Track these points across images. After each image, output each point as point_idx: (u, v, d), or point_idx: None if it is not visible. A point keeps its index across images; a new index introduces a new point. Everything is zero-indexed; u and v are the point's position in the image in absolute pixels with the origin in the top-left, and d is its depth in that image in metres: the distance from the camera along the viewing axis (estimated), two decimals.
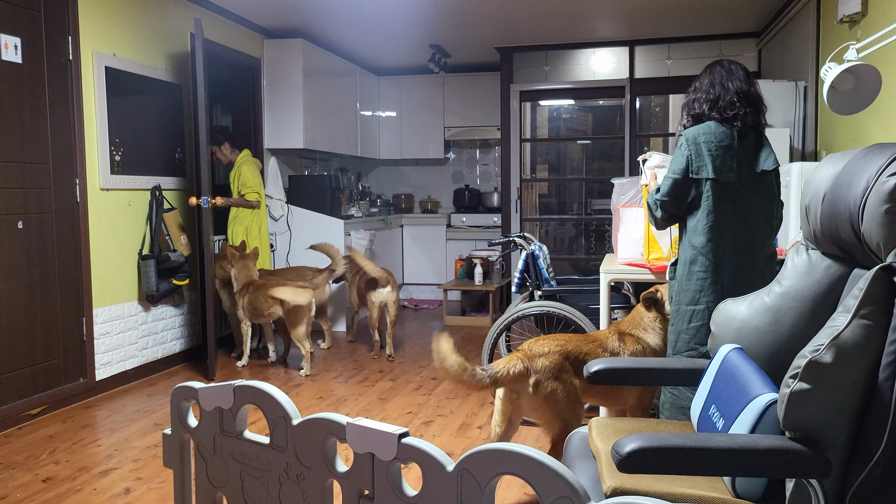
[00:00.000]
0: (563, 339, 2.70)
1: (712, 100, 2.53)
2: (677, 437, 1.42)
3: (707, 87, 2.56)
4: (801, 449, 1.35)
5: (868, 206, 1.39)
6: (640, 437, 1.41)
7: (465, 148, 8.44)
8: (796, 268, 1.70)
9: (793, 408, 1.35)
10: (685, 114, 2.64)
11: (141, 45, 4.66)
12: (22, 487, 2.93)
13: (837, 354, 1.32)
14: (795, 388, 1.35)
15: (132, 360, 4.58)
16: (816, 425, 1.35)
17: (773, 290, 1.73)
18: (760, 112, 2.54)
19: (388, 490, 1.45)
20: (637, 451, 1.38)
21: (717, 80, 2.56)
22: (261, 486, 1.70)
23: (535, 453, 1.25)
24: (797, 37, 5.14)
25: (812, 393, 1.33)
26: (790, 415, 1.36)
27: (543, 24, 6.12)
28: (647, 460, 1.38)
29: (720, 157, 2.45)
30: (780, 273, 1.75)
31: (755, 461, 1.37)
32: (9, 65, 3.67)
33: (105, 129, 4.31)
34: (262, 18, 5.86)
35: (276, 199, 6.23)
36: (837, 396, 1.33)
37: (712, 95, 2.54)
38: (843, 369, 1.33)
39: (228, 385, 1.74)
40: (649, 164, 3.19)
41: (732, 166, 2.45)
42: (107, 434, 3.61)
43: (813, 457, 1.34)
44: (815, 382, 1.33)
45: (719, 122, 2.50)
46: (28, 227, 3.81)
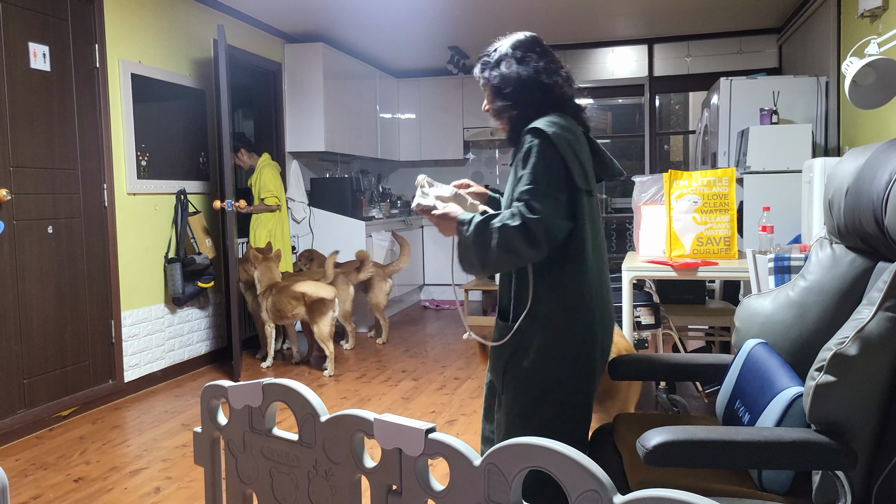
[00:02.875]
0: None
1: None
2: (704, 431, 1.42)
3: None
4: (828, 441, 1.35)
5: (891, 198, 1.39)
6: (666, 431, 1.41)
7: (484, 148, 8.45)
8: (820, 262, 1.70)
9: (818, 400, 1.36)
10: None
11: (165, 51, 4.73)
12: (54, 487, 2.99)
13: (862, 347, 1.33)
14: (821, 380, 1.35)
15: (159, 361, 4.65)
16: (842, 417, 1.35)
17: (797, 285, 1.73)
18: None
19: (415, 485, 1.47)
20: (663, 445, 1.39)
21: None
22: (290, 483, 1.73)
23: (562, 447, 1.26)
24: (818, 32, 5.10)
25: (838, 385, 1.34)
26: (816, 407, 1.37)
27: (561, 24, 6.13)
28: (674, 454, 1.39)
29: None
30: (804, 268, 1.75)
31: (782, 454, 1.37)
32: (38, 73, 3.75)
33: (131, 134, 4.38)
34: (283, 23, 5.92)
35: (299, 202, 6.29)
36: (863, 388, 1.34)
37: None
38: (868, 361, 1.33)
39: (257, 383, 1.77)
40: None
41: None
42: (136, 434, 3.67)
43: (839, 449, 1.34)
44: (840, 375, 1.34)
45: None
46: (57, 231, 3.89)
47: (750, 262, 2.95)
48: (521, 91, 1.94)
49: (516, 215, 1.80)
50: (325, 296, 4.75)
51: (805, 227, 3.88)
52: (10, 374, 3.59)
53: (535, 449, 1.31)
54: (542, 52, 1.98)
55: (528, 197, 1.80)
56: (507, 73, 1.96)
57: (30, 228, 3.71)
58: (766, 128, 4.66)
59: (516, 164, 1.90)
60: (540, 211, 1.77)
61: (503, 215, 1.83)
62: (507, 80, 1.95)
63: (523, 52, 1.97)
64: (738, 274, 3.25)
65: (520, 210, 1.80)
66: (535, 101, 1.94)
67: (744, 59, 6.44)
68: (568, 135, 1.86)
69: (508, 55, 1.97)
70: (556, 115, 1.90)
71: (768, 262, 2.65)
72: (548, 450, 1.28)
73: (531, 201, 1.79)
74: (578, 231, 1.86)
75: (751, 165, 4.58)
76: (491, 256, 1.82)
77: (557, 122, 1.87)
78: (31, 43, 3.70)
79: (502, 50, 1.99)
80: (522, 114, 1.95)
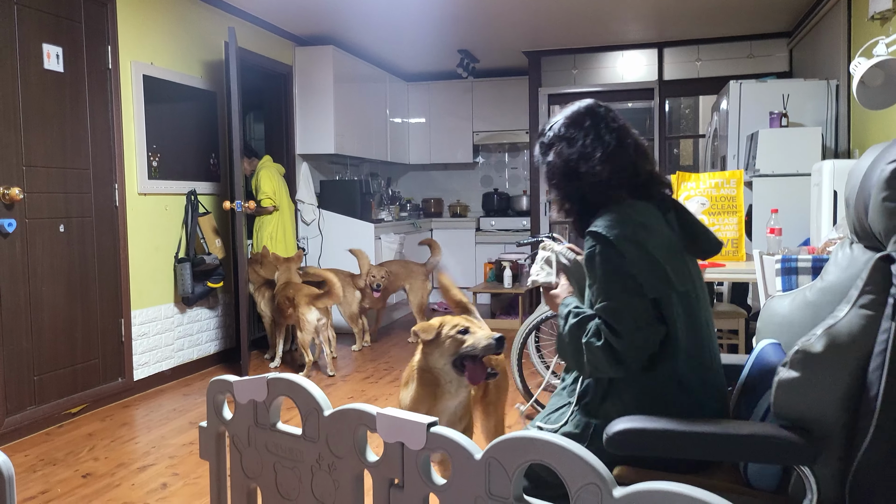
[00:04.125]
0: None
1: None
2: (666, 421, 1.47)
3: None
4: (788, 436, 1.36)
5: (875, 192, 1.40)
6: (631, 419, 1.48)
7: (493, 152, 8.47)
8: (838, 263, 1.70)
9: (781, 395, 1.38)
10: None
11: (177, 53, 4.78)
12: (62, 482, 3.02)
13: (829, 343, 1.33)
14: (784, 376, 1.37)
15: (168, 360, 4.68)
16: (806, 413, 1.36)
17: (815, 286, 1.73)
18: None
19: (417, 479, 1.48)
20: (624, 432, 1.44)
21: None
22: (294, 477, 1.74)
23: (562, 441, 1.27)
24: (828, 35, 5.09)
25: (801, 381, 1.35)
26: (779, 402, 1.38)
27: (571, 28, 6.13)
28: (634, 440, 1.45)
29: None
30: (823, 269, 1.75)
31: (740, 446, 1.40)
32: (51, 73, 3.79)
33: (143, 135, 4.42)
34: (294, 26, 5.96)
35: (308, 204, 6.32)
36: (828, 385, 1.34)
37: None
38: (834, 358, 1.33)
39: (262, 378, 1.78)
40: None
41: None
42: (144, 432, 3.70)
43: (801, 444, 1.35)
44: (804, 371, 1.35)
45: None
46: (69, 230, 3.92)
47: (757, 263, 2.94)
48: (566, 180, 1.75)
49: (601, 334, 1.61)
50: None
51: (814, 229, 3.87)
52: (20, 370, 3.62)
53: (535, 442, 1.31)
54: (592, 126, 1.75)
55: (605, 316, 1.60)
56: (554, 162, 1.76)
57: (42, 227, 3.74)
58: (775, 131, 4.64)
59: (585, 262, 1.70)
60: (621, 332, 1.57)
61: (591, 327, 1.63)
62: (555, 170, 1.76)
63: (573, 130, 1.76)
64: (745, 276, 3.24)
65: (602, 328, 1.61)
66: (574, 192, 1.75)
67: (754, 63, 6.42)
68: (638, 234, 1.62)
69: (561, 136, 1.77)
70: (624, 203, 1.68)
71: (775, 263, 2.65)
72: (548, 443, 1.29)
73: (609, 321, 1.60)
74: (669, 331, 1.63)
75: (760, 169, 4.57)
76: (582, 368, 1.67)
77: (622, 218, 1.64)
78: (44, 44, 3.74)
79: (556, 128, 1.79)
80: (571, 205, 1.77)
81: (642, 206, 1.69)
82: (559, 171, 1.75)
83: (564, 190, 1.77)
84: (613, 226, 1.62)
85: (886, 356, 1.28)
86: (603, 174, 1.70)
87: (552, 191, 1.81)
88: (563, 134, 1.77)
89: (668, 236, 1.68)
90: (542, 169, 1.83)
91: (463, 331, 2.09)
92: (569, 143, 1.75)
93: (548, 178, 1.80)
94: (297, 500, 1.73)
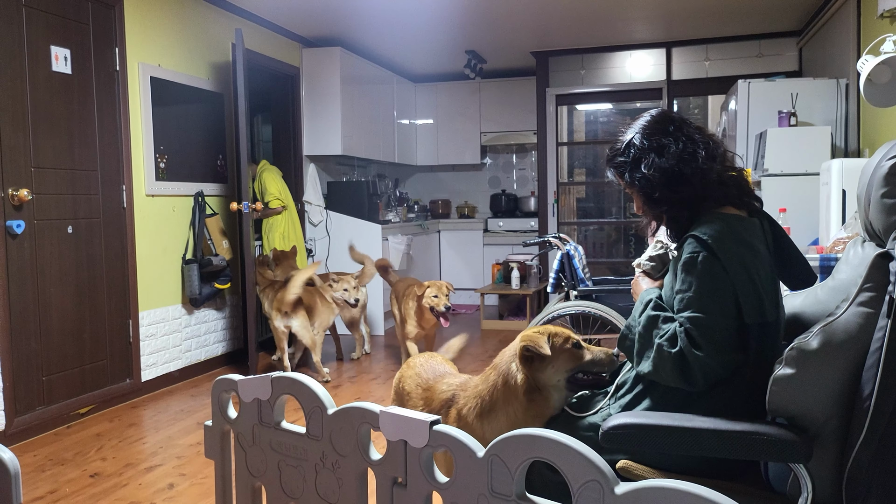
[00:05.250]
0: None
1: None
2: (661, 417, 1.47)
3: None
4: (781, 433, 1.35)
5: (872, 192, 1.38)
6: (626, 415, 1.48)
7: (501, 153, 8.46)
8: (849, 261, 1.69)
9: (776, 392, 1.37)
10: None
11: (184, 55, 4.80)
12: (71, 482, 3.03)
13: (824, 341, 1.32)
14: (779, 372, 1.36)
15: (176, 361, 4.69)
16: (800, 410, 1.35)
17: (826, 284, 1.71)
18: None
19: (420, 476, 1.48)
20: (619, 426, 1.44)
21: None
22: (298, 475, 1.74)
23: (564, 438, 1.26)
24: (838, 34, 5.05)
25: (795, 378, 1.34)
26: (774, 399, 1.38)
27: (579, 28, 6.12)
28: (629, 435, 1.44)
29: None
30: (835, 267, 1.73)
31: (734, 443, 1.39)
32: (59, 75, 3.81)
33: (150, 137, 4.44)
34: (301, 27, 5.97)
35: (315, 205, 6.33)
36: (823, 383, 1.32)
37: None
38: (829, 356, 1.32)
39: (266, 377, 1.78)
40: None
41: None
42: (152, 432, 3.71)
43: (795, 442, 1.34)
44: (798, 368, 1.33)
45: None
46: (77, 231, 3.94)
47: None
48: (671, 189, 1.67)
49: (677, 341, 1.53)
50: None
51: (823, 229, 3.84)
52: (29, 371, 3.64)
53: (537, 440, 1.31)
54: (678, 129, 1.70)
55: (690, 326, 1.53)
56: (651, 176, 1.68)
57: (50, 228, 3.76)
58: (784, 130, 4.62)
59: (677, 265, 1.63)
60: (703, 348, 1.50)
61: (668, 330, 1.56)
62: (654, 182, 1.68)
63: (658, 139, 1.69)
64: None
65: (681, 338, 1.53)
66: (688, 196, 1.67)
67: (763, 63, 6.39)
68: (744, 251, 1.56)
69: (645, 148, 1.70)
70: (730, 215, 1.63)
71: None
72: (550, 441, 1.28)
73: (694, 333, 1.52)
74: (746, 360, 1.56)
75: (768, 168, 4.54)
76: (642, 364, 1.61)
77: (730, 231, 1.58)
78: (52, 46, 3.76)
79: (636, 142, 1.73)
80: (679, 213, 1.70)
81: (749, 222, 1.64)
82: (660, 181, 1.67)
83: (671, 199, 1.68)
84: (721, 238, 1.56)
85: (882, 354, 1.27)
86: (713, 170, 1.66)
87: (653, 206, 1.72)
88: (647, 146, 1.70)
89: (768, 260, 1.63)
90: (634, 188, 1.74)
91: (576, 345, 1.81)
92: (659, 152, 1.68)
93: (646, 193, 1.71)
94: (302, 499, 1.73)
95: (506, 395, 1.83)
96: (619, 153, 1.75)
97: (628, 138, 1.75)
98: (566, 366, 1.79)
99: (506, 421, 1.81)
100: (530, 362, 1.80)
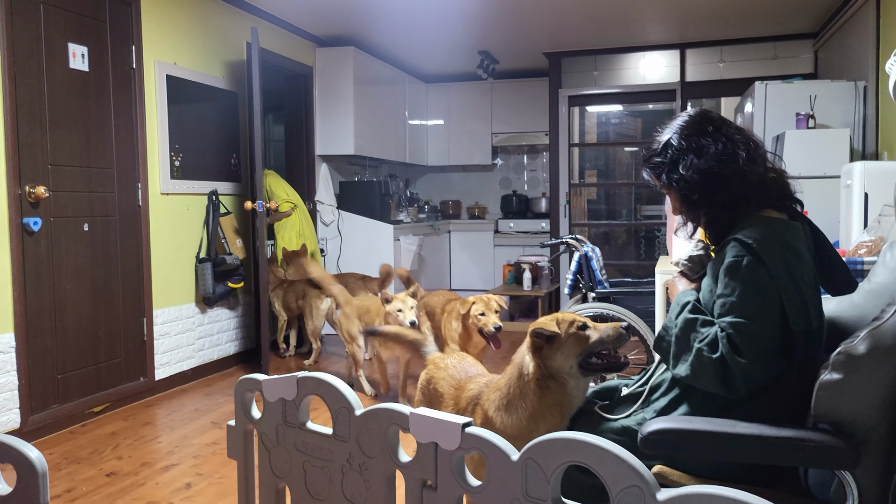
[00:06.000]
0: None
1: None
2: (701, 422, 1.44)
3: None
4: (828, 440, 1.32)
5: None
6: (665, 420, 1.45)
7: (512, 154, 8.44)
8: (885, 264, 1.66)
9: (823, 397, 1.35)
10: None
11: (199, 53, 4.79)
12: (87, 481, 3.02)
13: (872, 345, 1.29)
14: (826, 377, 1.34)
15: (189, 360, 4.68)
16: (848, 416, 1.33)
17: (862, 288, 1.69)
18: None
19: (451, 480, 1.46)
20: (659, 432, 1.42)
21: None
22: (323, 477, 1.72)
23: (603, 442, 1.24)
24: (856, 36, 5.02)
25: (842, 383, 1.31)
26: (820, 404, 1.35)
27: (592, 29, 6.10)
28: (669, 441, 1.42)
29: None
30: (871, 271, 1.71)
31: (779, 449, 1.36)
32: (77, 73, 3.81)
33: (165, 135, 4.43)
34: (315, 27, 5.97)
35: (328, 205, 6.32)
36: (871, 388, 1.30)
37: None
38: (876, 360, 1.29)
39: (292, 376, 1.77)
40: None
41: None
42: (167, 431, 3.70)
43: (841, 448, 1.31)
44: (846, 373, 1.31)
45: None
46: (93, 229, 3.94)
47: None
48: (710, 191, 1.64)
49: (717, 346, 1.50)
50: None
51: (843, 232, 3.81)
52: (45, 369, 3.64)
53: (574, 443, 1.28)
54: (717, 130, 1.66)
55: (733, 332, 1.49)
56: (690, 177, 1.64)
57: (66, 226, 3.76)
58: (802, 132, 4.58)
59: (718, 270, 1.59)
60: (746, 355, 1.46)
61: (708, 334, 1.53)
62: (693, 184, 1.64)
63: (697, 139, 1.66)
64: None
65: (723, 343, 1.49)
66: (728, 199, 1.63)
67: (778, 65, 6.36)
68: (789, 256, 1.52)
69: (683, 149, 1.67)
70: (770, 217, 1.60)
71: None
72: (588, 444, 1.26)
73: (736, 339, 1.48)
74: (789, 368, 1.52)
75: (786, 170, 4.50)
76: (679, 367, 1.58)
77: (775, 235, 1.54)
78: (70, 43, 3.76)
79: (674, 142, 1.69)
80: (718, 215, 1.66)
81: (792, 226, 1.60)
82: (699, 183, 1.64)
83: (710, 201, 1.65)
84: (766, 242, 1.52)
85: None
86: (754, 172, 1.63)
87: (692, 208, 1.69)
88: (685, 146, 1.66)
89: (811, 266, 1.59)
90: (672, 189, 1.70)
91: (582, 326, 1.77)
92: (697, 153, 1.64)
93: (684, 195, 1.67)
94: (327, 500, 1.71)
95: (521, 387, 1.82)
96: (656, 154, 1.72)
97: (665, 138, 1.72)
98: (575, 350, 1.76)
99: (523, 412, 1.81)
100: (540, 351, 1.79)
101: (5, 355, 3.41)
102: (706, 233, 1.73)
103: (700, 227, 1.74)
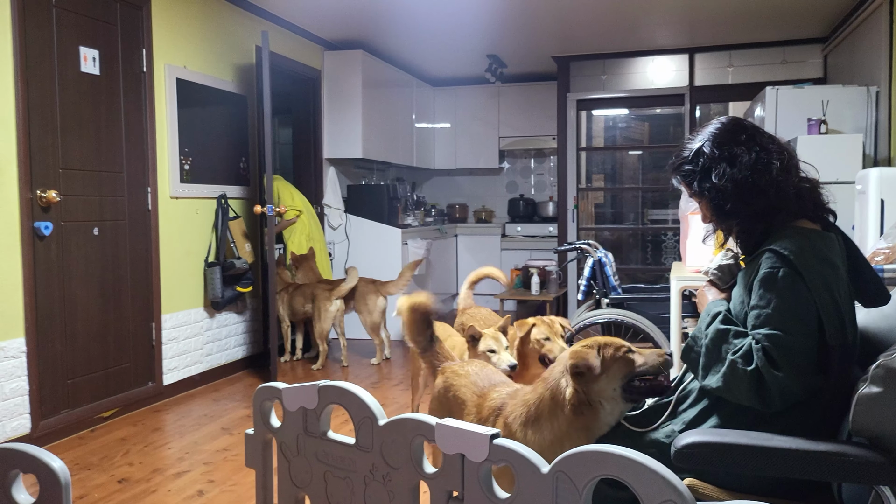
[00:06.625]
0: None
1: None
2: (736, 435, 1.42)
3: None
4: (867, 454, 1.30)
5: None
6: (700, 432, 1.43)
7: (519, 157, 8.42)
8: None
9: (861, 411, 1.32)
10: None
11: (209, 57, 4.78)
12: (99, 488, 3.00)
13: None
14: (864, 391, 1.31)
15: (197, 365, 4.67)
16: (886, 431, 1.31)
17: (893, 298, 1.66)
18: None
19: (478, 492, 1.44)
20: (693, 445, 1.39)
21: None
22: (345, 487, 1.70)
23: (637, 455, 1.22)
24: (868, 40, 4.99)
25: (882, 397, 1.29)
26: (859, 419, 1.33)
27: (601, 33, 6.08)
28: (704, 454, 1.39)
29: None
30: None
31: (816, 464, 1.34)
32: (87, 76, 3.80)
33: (175, 139, 4.42)
34: (324, 30, 5.96)
35: (335, 209, 6.31)
36: None
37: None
38: None
39: (313, 385, 1.74)
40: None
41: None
42: (177, 437, 3.68)
43: (881, 463, 1.29)
44: (885, 386, 1.29)
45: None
46: (103, 233, 3.93)
47: None
48: (744, 202, 1.61)
49: (752, 359, 1.47)
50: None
51: (858, 239, 3.78)
52: (54, 374, 3.62)
53: (607, 457, 1.26)
54: (750, 138, 1.63)
55: (769, 345, 1.46)
56: (723, 186, 1.62)
57: (76, 230, 3.75)
58: (814, 138, 4.56)
59: (751, 280, 1.57)
60: (782, 368, 1.44)
61: (742, 346, 1.50)
62: (726, 193, 1.62)
63: (730, 147, 1.63)
64: None
65: (758, 356, 1.46)
66: (762, 209, 1.60)
67: (787, 70, 6.33)
68: (826, 269, 1.50)
69: (716, 157, 1.63)
70: (805, 228, 1.58)
71: None
72: (622, 458, 1.24)
73: (772, 352, 1.45)
74: (825, 383, 1.49)
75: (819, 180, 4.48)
76: (709, 378, 1.55)
77: (811, 247, 1.51)
78: (81, 47, 3.75)
79: (706, 150, 1.66)
80: (752, 226, 1.64)
81: (827, 238, 1.58)
82: (732, 193, 1.61)
83: (744, 212, 1.62)
84: (802, 254, 1.50)
85: None
86: (789, 182, 1.60)
87: (724, 217, 1.66)
88: (718, 155, 1.63)
89: (846, 279, 1.56)
90: (702, 198, 1.68)
91: (628, 350, 1.74)
92: (730, 162, 1.61)
93: (716, 204, 1.64)
94: None
95: (552, 408, 1.78)
96: (687, 161, 1.70)
97: (697, 146, 1.69)
98: (619, 374, 1.72)
99: (549, 433, 1.77)
100: (582, 376, 1.74)
101: (17, 360, 3.39)
102: (737, 242, 1.71)
103: (731, 236, 1.72)
